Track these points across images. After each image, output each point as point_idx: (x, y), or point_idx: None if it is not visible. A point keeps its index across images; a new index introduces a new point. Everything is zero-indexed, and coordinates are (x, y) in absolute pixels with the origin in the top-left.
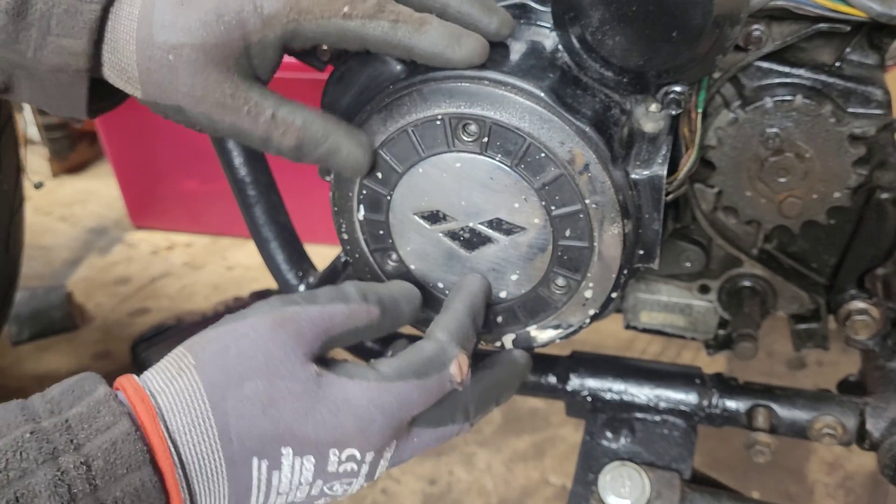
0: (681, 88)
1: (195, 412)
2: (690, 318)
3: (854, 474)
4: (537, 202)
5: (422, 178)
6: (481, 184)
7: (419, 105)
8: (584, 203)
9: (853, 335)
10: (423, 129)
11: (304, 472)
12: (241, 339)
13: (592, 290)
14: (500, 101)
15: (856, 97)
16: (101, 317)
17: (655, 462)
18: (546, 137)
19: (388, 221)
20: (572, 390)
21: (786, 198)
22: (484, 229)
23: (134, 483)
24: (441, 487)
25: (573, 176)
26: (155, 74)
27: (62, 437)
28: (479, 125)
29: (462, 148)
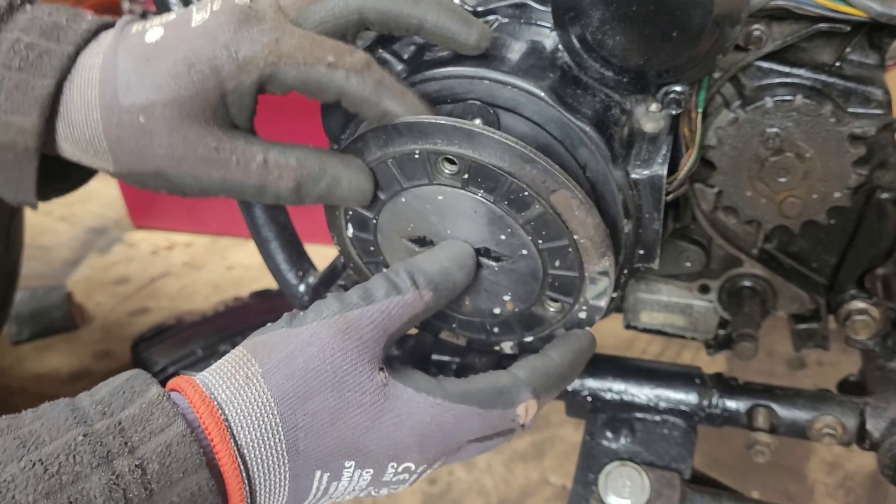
0: (681, 88)
1: (265, 426)
2: (690, 318)
3: (854, 474)
4: (523, 235)
5: (405, 207)
6: (465, 216)
7: (395, 139)
8: (572, 238)
9: (853, 335)
10: (402, 161)
11: (361, 481)
12: (306, 347)
13: (586, 311)
14: (477, 140)
15: (856, 97)
16: (101, 316)
17: (655, 462)
18: (528, 178)
19: (377, 241)
20: (572, 390)
21: (786, 198)
22: None
23: (190, 487)
24: (441, 487)
25: (559, 214)
26: (126, 141)
27: (116, 440)
28: (459, 161)
29: (443, 181)
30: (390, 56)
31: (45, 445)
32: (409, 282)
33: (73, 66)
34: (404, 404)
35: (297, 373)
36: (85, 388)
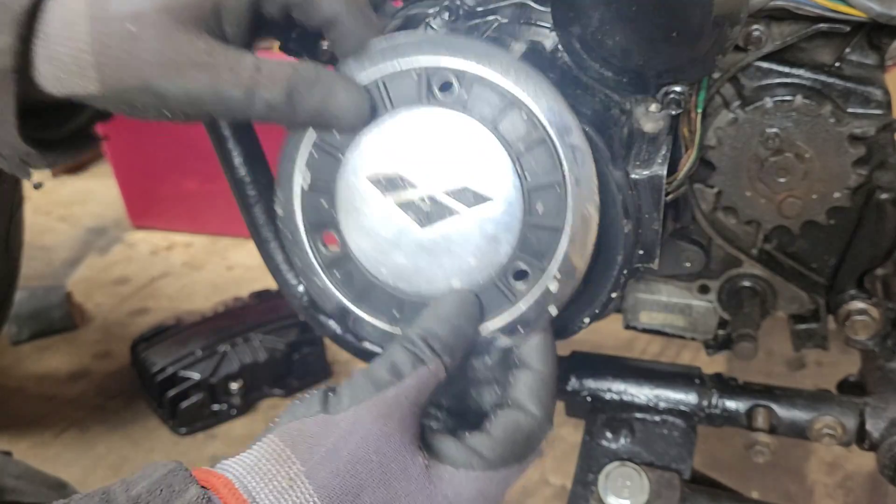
0: (680, 88)
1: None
2: (690, 318)
3: (853, 474)
4: (512, 169)
5: (384, 137)
6: (453, 145)
7: (394, 53)
8: (564, 175)
9: (853, 335)
10: (395, 80)
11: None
12: (349, 437)
13: (558, 282)
14: (484, 54)
15: (855, 97)
16: (100, 317)
17: (655, 462)
18: (530, 98)
19: (335, 190)
20: (572, 390)
21: (785, 198)
22: (447, 200)
23: None
24: None
25: (555, 143)
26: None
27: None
28: (459, 79)
29: (437, 103)
30: None
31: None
32: (429, 350)
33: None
34: (449, 485)
35: (343, 468)
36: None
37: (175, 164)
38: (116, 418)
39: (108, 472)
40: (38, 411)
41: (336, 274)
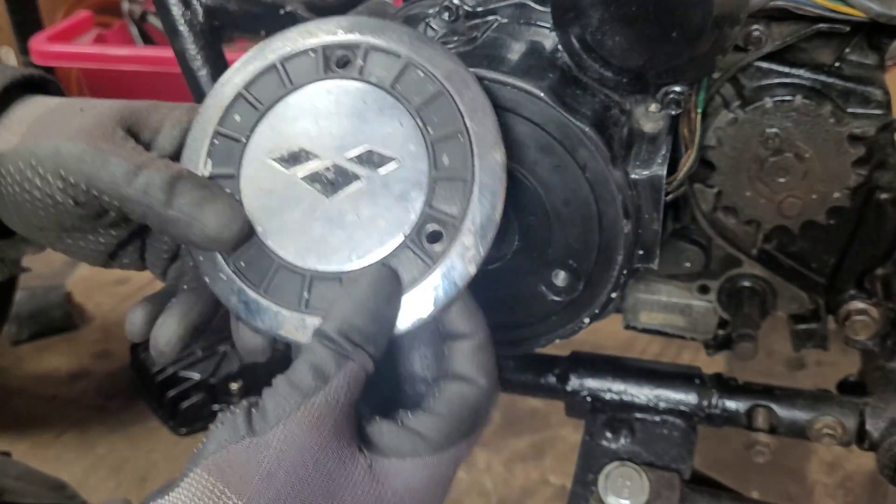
0: (680, 88)
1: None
2: (690, 319)
3: (853, 474)
4: (413, 125)
5: (285, 114)
6: (353, 110)
7: (293, 38)
8: (465, 124)
9: (853, 335)
10: (294, 61)
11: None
12: (282, 457)
13: (474, 235)
14: (378, 28)
15: (855, 97)
16: (100, 316)
17: (655, 462)
18: (424, 58)
19: (238, 175)
20: (572, 390)
21: (785, 198)
22: (351, 165)
23: None
24: None
25: (452, 94)
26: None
27: None
28: (355, 52)
29: (335, 75)
30: None
31: None
32: (351, 344)
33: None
34: (397, 478)
35: (283, 491)
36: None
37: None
38: (116, 419)
39: (108, 473)
40: (38, 411)
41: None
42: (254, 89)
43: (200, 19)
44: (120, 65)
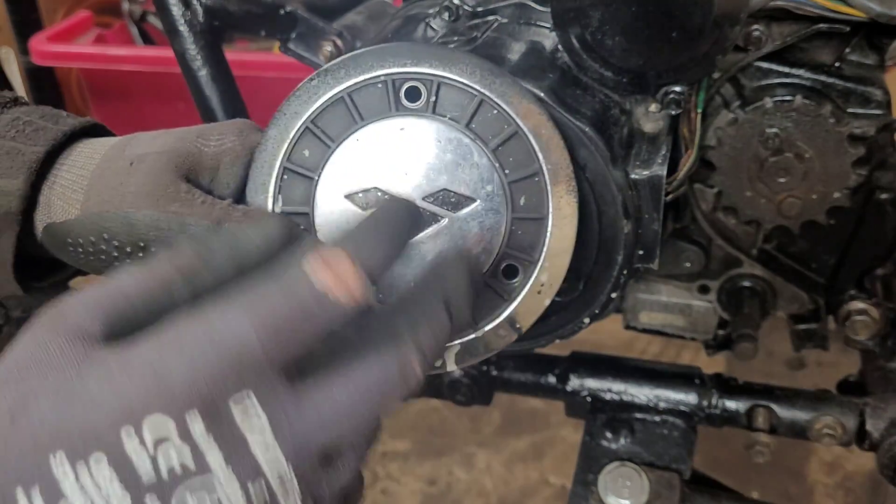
0: (680, 88)
1: None
2: (690, 319)
3: (853, 474)
4: (490, 166)
5: (358, 151)
6: (427, 151)
7: (358, 67)
8: (540, 164)
9: (853, 335)
10: (362, 93)
11: (104, 482)
12: None
13: (549, 272)
14: (447, 58)
15: (855, 97)
16: None
17: (655, 462)
18: (497, 94)
19: (313, 213)
20: (572, 390)
21: (785, 198)
22: (428, 206)
23: None
24: (440, 487)
25: (528, 135)
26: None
27: None
28: (426, 85)
29: (406, 111)
30: None
31: None
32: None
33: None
34: (115, 357)
35: None
36: None
37: None
38: None
39: None
40: None
41: None
42: (322, 122)
43: (200, 19)
44: (120, 65)
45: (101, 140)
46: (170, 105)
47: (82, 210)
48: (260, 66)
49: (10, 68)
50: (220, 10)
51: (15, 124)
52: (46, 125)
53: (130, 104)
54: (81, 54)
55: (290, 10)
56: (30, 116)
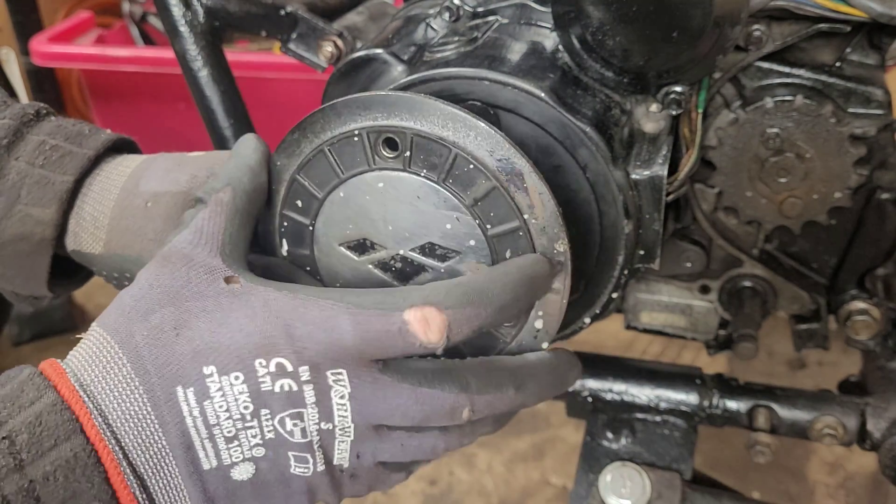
0: (681, 89)
1: (105, 356)
2: (691, 319)
3: (855, 475)
4: (470, 221)
5: (343, 204)
6: (408, 204)
7: (333, 121)
8: (523, 219)
9: (854, 335)
10: (341, 147)
11: (237, 395)
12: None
13: (543, 319)
14: (419, 109)
15: (856, 97)
16: None
17: (656, 462)
18: (473, 146)
19: (314, 255)
20: (573, 391)
21: (786, 198)
22: (416, 256)
23: (64, 454)
24: (441, 488)
25: (507, 189)
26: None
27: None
28: (400, 137)
29: (384, 165)
30: (391, 57)
31: None
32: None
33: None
34: (259, 299)
35: (126, 305)
36: None
37: None
38: None
39: None
40: None
41: None
42: (307, 175)
43: (201, 20)
44: (120, 65)
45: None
46: (170, 105)
47: (105, 249)
48: (260, 66)
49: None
50: (220, 11)
51: (42, 149)
52: (72, 149)
53: (131, 104)
54: (82, 55)
55: (291, 11)
56: (55, 139)
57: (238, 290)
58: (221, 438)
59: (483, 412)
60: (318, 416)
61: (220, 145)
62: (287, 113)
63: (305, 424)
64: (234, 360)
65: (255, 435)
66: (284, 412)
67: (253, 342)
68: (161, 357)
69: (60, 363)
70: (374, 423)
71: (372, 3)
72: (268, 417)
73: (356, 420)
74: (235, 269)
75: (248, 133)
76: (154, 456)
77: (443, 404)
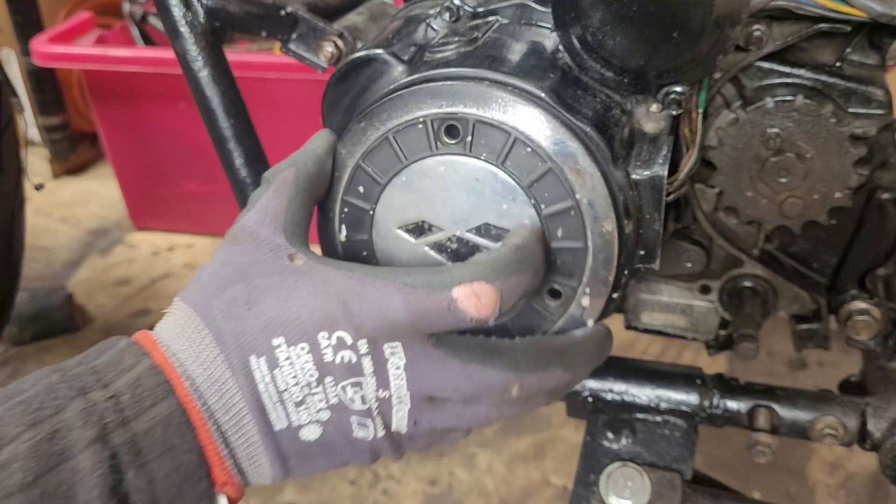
0: (681, 89)
1: (190, 327)
2: (691, 319)
3: (855, 475)
4: (526, 201)
5: (404, 188)
6: (467, 187)
7: (399, 108)
8: (575, 199)
9: (854, 335)
10: (405, 133)
11: (303, 364)
12: (207, 265)
13: (590, 296)
14: (482, 98)
15: (856, 97)
16: (102, 318)
17: (656, 463)
18: (531, 131)
19: (372, 240)
20: (573, 391)
21: (787, 198)
22: (472, 237)
23: (161, 412)
24: (442, 488)
25: (561, 170)
26: None
27: (89, 378)
28: (462, 124)
29: (445, 150)
30: (391, 58)
31: (26, 392)
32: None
33: None
34: (320, 276)
35: (203, 280)
36: None
37: (176, 164)
38: None
39: None
40: None
41: None
42: (371, 161)
43: (201, 20)
44: (121, 66)
45: None
46: (170, 105)
47: None
48: (261, 66)
49: (11, 69)
50: (220, 11)
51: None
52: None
53: (131, 105)
54: (82, 55)
55: (291, 11)
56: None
57: (301, 267)
58: (290, 402)
59: (532, 389)
60: (376, 385)
61: (220, 145)
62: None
63: (364, 392)
64: (299, 332)
65: (321, 400)
66: (346, 381)
67: (316, 317)
68: (236, 329)
69: (151, 333)
70: (429, 394)
71: (372, 3)
72: (332, 384)
73: (412, 389)
74: (297, 247)
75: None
76: (234, 416)
77: (492, 381)
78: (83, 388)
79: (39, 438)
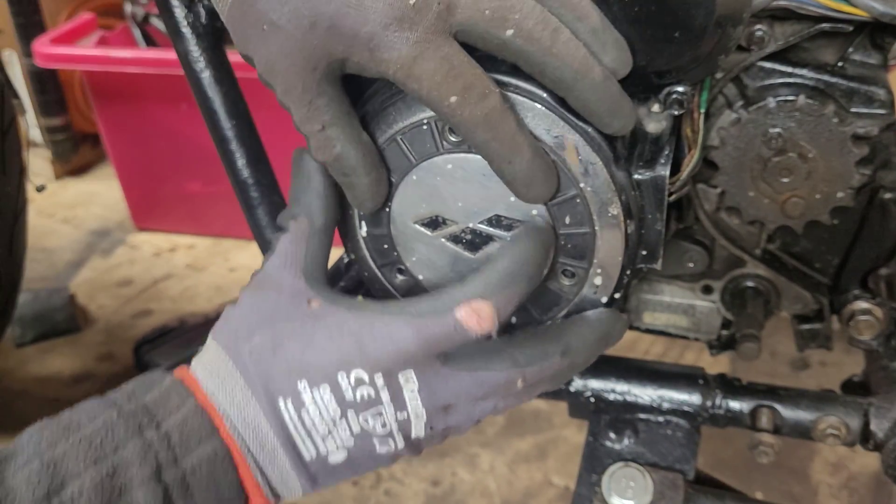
0: (683, 89)
1: (223, 370)
2: (693, 319)
3: (858, 475)
4: None
5: (416, 186)
6: (475, 182)
7: (403, 112)
8: (579, 187)
9: (857, 335)
10: (412, 135)
11: (326, 403)
12: (235, 309)
13: (601, 276)
14: None
15: (859, 97)
16: (103, 319)
17: (659, 463)
18: (532, 125)
19: (391, 234)
20: (575, 391)
21: (789, 198)
22: (484, 228)
23: (207, 451)
24: (444, 488)
25: (564, 161)
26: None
27: (143, 417)
28: None
29: (451, 149)
30: None
31: (86, 427)
32: (286, 218)
33: None
34: (334, 319)
35: (233, 323)
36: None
37: (178, 165)
38: None
39: None
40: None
41: None
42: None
43: (203, 21)
44: (123, 67)
45: None
46: (172, 106)
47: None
48: None
49: (13, 71)
50: None
51: None
52: None
53: (133, 106)
54: (84, 56)
55: None
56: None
57: (318, 312)
58: (318, 436)
59: (535, 379)
60: (395, 410)
61: (222, 146)
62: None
63: (385, 419)
64: (321, 375)
65: (345, 430)
66: (366, 412)
67: (335, 359)
68: (264, 373)
69: (190, 371)
70: (443, 405)
71: None
72: (354, 417)
73: (427, 406)
74: (316, 289)
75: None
76: (269, 452)
77: (499, 381)
78: (139, 426)
79: (103, 475)
